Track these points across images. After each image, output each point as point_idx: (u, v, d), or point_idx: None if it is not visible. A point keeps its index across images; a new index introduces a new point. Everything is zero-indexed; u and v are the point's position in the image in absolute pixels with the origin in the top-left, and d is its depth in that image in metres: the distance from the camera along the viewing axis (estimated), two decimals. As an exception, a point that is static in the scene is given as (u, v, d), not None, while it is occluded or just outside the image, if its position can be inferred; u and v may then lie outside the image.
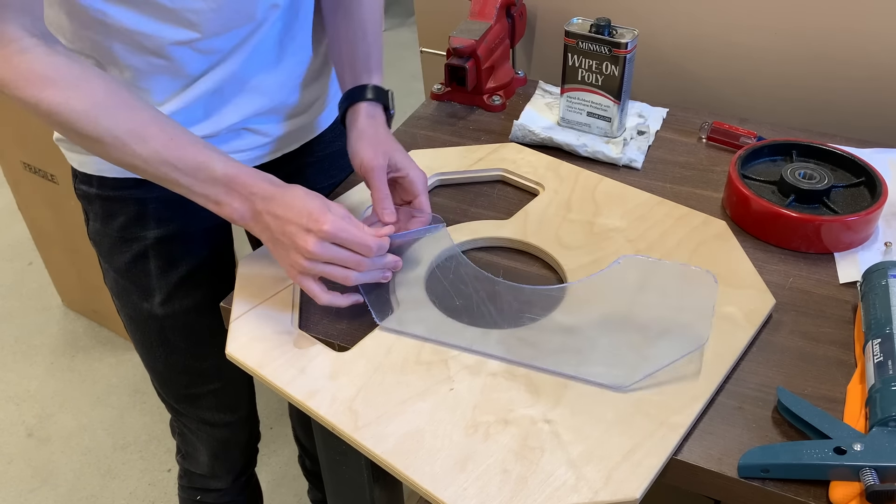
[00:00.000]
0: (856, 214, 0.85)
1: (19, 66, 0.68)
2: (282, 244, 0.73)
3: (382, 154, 0.82)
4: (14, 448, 1.76)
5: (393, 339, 0.76)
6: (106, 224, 0.91)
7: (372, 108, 0.87)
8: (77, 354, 2.00)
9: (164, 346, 0.98)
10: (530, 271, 0.86)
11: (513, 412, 0.69)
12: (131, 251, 0.92)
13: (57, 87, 0.69)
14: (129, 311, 0.97)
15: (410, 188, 0.84)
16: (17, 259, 2.32)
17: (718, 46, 1.16)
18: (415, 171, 0.84)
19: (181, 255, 0.93)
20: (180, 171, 0.73)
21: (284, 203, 0.73)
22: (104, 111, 0.70)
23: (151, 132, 0.72)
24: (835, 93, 1.12)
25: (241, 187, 0.74)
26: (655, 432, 0.66)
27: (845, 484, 0.62)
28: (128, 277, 0.93)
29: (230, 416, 1.08)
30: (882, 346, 0.69)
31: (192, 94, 0.83)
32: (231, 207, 0.74)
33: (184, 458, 1.15)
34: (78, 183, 0.92)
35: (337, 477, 0.95)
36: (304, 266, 0.73)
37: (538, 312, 0.77)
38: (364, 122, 0.86)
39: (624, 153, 1.02)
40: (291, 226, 0.72)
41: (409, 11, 3.69)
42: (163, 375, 1.02)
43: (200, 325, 0.97)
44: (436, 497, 0.62)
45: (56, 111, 0.69)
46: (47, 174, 1.74)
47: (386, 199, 0.81)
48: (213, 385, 1.03)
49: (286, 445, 1.74)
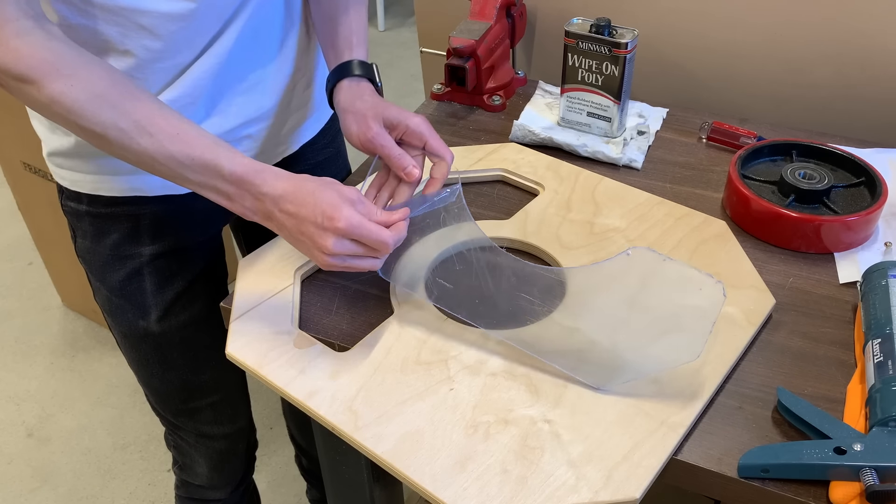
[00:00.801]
0: (856, 214, 0.85)
1: (18, 49, 0.64)
2: (302, 243, 0.72)
3: (373, 119, 0.79)
4: (14, 448, 1.76)
5: (393, 339, 0.76)
6: (97, 242, 0.89)
7: (354, 82, 0.84)
8: (77, 354, 2.00)
9: (161, 363, 0.95)
10: (530, 271, 0.86)
11: (513, 412, 0.69)
12: (125, 269, 0.89)
13: (59, 73, 0.65)
14: (122, 329, 0.94)
15: (415, 137, 0.80)
16: (17, 259, 2.32)
17: (718, 46, 1.16)
18: (413, 119, 0.80)
19: (177, 271, 0.91)
20: (188, 167, 0.70)
21: (297, 201, 0.70)
22: (108, 101, 0.67)
23: (157, 125, 0.69)
24: (835, 93, 1.12)
25: (250, 187, 0.71)
26: (655, 432, 0.66)
27: (845, 484, 0.62)
28: (122, 296, 0.91)
29: (229, 427, 1.06)
30: (882, 346, 0.69)
31: (189, 82, 0.80)
32: (242, 206, 0.72)
33: (181, 469, 1.12)
34: (65, 199, 0.89)
35: (337, 477, 0.95)
36: (330, 262, 0.72)
37: (535, 295, 0.77)
38: (347, 96, 0.83)
39: (624, 153, 1.02)
40: (307, 225, 0.70)
41: (409, 11, 3.70)
42: (159, 392, 1.00)
43: (197, 339, 0.95)
44: (436, 497, 0.62)
45: (58, 100, 0.66)
46: (47, 174, 1.74)
47: (401, 156, 0.78)
48: (212, 398, 1.01)
49: (285, 445, 1.74)
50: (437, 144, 0.80)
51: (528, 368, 0.73)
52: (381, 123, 0.79)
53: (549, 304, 0.77)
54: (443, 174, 0.80)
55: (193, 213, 0.90)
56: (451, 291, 0.77)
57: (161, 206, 0.87)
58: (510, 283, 0.78)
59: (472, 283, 0.77)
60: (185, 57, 0.79)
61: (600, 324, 0.75)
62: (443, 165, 0.80)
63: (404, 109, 0.81)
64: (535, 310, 0.77)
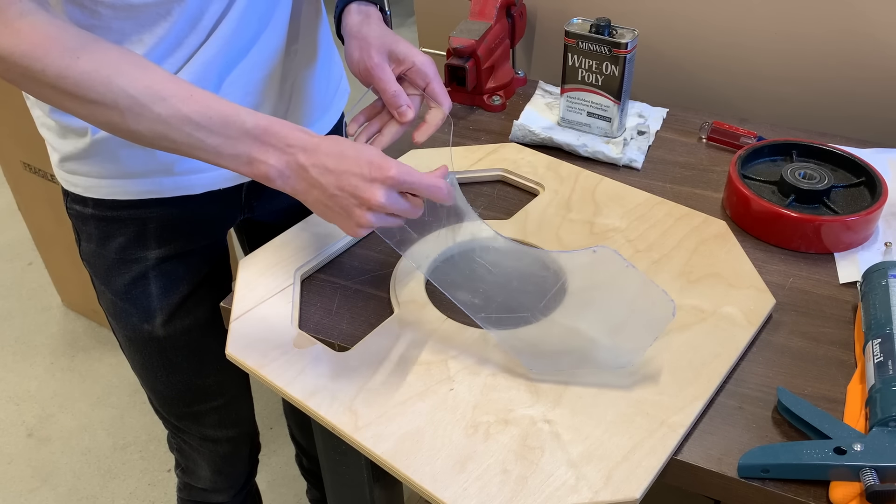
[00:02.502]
0: (856, 214, 0.85)
1: (21, 29, 0.62)
2: (338, 200, 0.65)
3: (378, 50, 0.75)
4: (14, 448, 1.76)
5: (393, 339, 0.76)
6: (102, 245, 0.88)
7: (363, 7, 0.80)
8: (77, 354, 2.00)
9: (166, 366, 0.95)
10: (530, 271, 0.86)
11: (513, 412, 0.69)
12: (131, 273, 0.88)
13: (64, 47, 0.63)
14: (127, 333, 0.93)
15: (419, 76, 0.77)
16: (17, 259, 2.32)
17: (718, 46, 1.16)
18: (420, 57, 0.76)
19: (183, 275, 0.91)
20: (205, 129, 0.65)
21: (335, 153, 0.64)
22: (116, 70, 0.63)
23: (169, 89, 0.64)
24: (835, 93, 1.12)
25: (276, 139, 0.65)
26: (655, 432, 0.66)
27: (845, 484, 0.62)
28: (127, 299, 0.90)
29: (233, 430, 1.05)
30: (882, 346, 0.69)
31: (194, 69, 0.77)
32: (266, 165, 0.66)
33: (183, 471, 1.12)
34: (70, 202, 0.88)
35: (337, 477, 0.95)
36: (369, 221, 0.66)
37: (533, 292, 0.77)
38: (355, 21, 0.78)
39: (624, 153, 1.02)
40: (351, 177, 0.64)
41: (409, 11, 3.69)
42: (164, 395, 0.99)
43: (202, 342, 0.95)
44: (436, 497, 0.62)
45: (64, 74, 0.62)
46: (47, 174, 1.74)
47: (397, 94, 0.74)
48: (216, 402, 1.01)
49: (285, 445, 1.74)
50: (439, 89, 0.78)
51: (528, 368, 0.73)
52: (386, 56, 0.76)
53: (549, 303, 0.77)
54: (437, 122, 0.78)
55: (200, 216, 0.90)
56: (451, 279, 0.77)
57: (169, 209, 0.87)
58: (510, 279, 0.77)
59: (473, 276, 0.77)
60: (186, 34, 0.76)
61: (556, 306, 0.74)
62: (439, 113, 0.78)
63: (413, 45, 0.78)
64: (534, 307, 0.77)
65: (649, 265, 0.84)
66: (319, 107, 0.96)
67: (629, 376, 0.71)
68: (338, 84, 1.00)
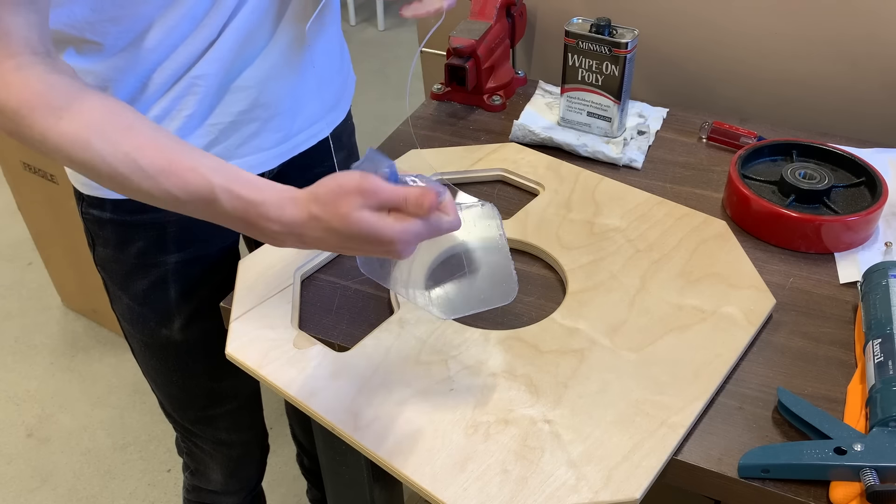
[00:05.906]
0: (856, 214, 0.85)
1: (13, 83, 0.60)
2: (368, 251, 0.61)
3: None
4: (14, 448, 1.76)
5: (393, 339, 0.76)
6: (120, 250, 0.87)
7: None
8: (77, 354, 2.00)
9: (182, 370, 0.95)
10: (530, 271, 0.86)
11: (513, 412, 0.69)
12: (150, 277, 0.88)
13: (49, 106, 0.60)
14: (144, 338, 0.93)
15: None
16: (17, 259, 2.32)
17: (718, 46, 1.16)
18: None
19: (202, 279, 0.90)
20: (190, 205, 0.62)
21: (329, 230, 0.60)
22: (97, 134, 0.61)
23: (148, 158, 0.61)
24: (835, 93, 1.12)
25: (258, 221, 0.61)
26: (655, 432, 0.66)
27: (845, 484, 0.62)
28: (146, 304, 0.90)
29: (246, 434, 1.06)
30: (882, 346, 0.69)
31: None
32: (262, 237, 0.63)
33: (192, 474, 1.12)
34: (86, 206, 0.86)
35: (337, 477, 0.95)
36: (407, 254, 0.61)
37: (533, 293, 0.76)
38: None
39: (624, 153, 1.02)
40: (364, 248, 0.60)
41: (409, 11, 3.69)
42: (179, 399, 0.99)
43: (219, 346, 0.92)
44: (436, 497, 0.62)
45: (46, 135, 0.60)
46: (47, 174, 1.74)
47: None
48: (230, 405, 1.01)
49: (286, 445, 1.74)
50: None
51: (528, 368, 0.73)
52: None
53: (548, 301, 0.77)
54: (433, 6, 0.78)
55: None
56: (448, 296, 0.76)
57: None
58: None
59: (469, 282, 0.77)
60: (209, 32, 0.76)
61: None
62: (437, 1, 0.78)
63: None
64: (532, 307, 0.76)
65: (649, 265, 0.84)
66: (333, 97, 0.97)
67: (629, 376, 0.71)
68: (346, 77, 1.00)
